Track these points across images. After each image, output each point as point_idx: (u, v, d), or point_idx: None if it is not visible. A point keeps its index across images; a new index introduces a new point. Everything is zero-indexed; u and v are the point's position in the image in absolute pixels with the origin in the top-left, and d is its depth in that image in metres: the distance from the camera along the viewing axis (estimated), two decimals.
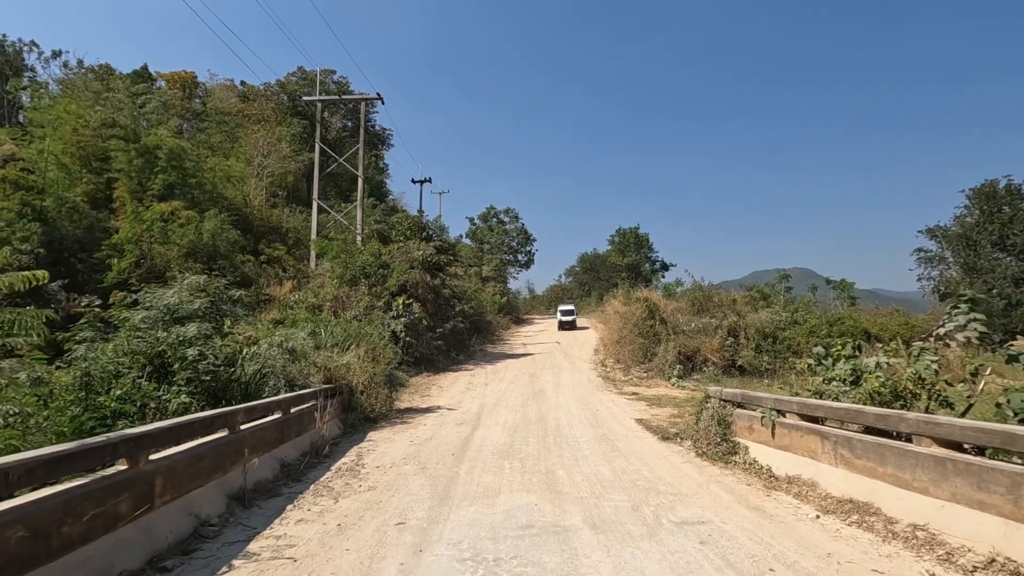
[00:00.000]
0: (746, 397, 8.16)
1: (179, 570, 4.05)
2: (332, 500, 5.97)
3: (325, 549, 4.52)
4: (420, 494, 6.14)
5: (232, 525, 5.06)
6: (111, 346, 7.62)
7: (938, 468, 4.68)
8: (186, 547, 4.46)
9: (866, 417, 5.69)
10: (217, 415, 5.82)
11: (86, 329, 8.02)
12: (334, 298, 21.40)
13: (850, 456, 5.74)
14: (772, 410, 7.19)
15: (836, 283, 37.67)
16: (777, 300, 27.89)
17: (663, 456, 8.05)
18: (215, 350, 8.31)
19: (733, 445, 7.88)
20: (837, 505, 5.42)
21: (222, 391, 8.15)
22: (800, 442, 6.58)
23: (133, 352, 7.75)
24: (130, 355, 7.74)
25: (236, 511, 5.41)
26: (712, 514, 5.34)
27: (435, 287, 24.19)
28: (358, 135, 53.76)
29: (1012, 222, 36.16)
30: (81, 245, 21.34)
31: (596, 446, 8.78)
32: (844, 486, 5.66)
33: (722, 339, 19.76)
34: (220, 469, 5.57)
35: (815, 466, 6.24)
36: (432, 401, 14.45)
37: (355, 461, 7.94)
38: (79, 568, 3.37)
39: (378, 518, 5.31)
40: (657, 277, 59.82)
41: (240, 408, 6.41)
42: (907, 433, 5.16)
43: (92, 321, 8.15)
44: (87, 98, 29.32)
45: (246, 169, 35.14)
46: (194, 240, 20.81)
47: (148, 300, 9.32)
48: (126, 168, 25.09)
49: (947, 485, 4.58)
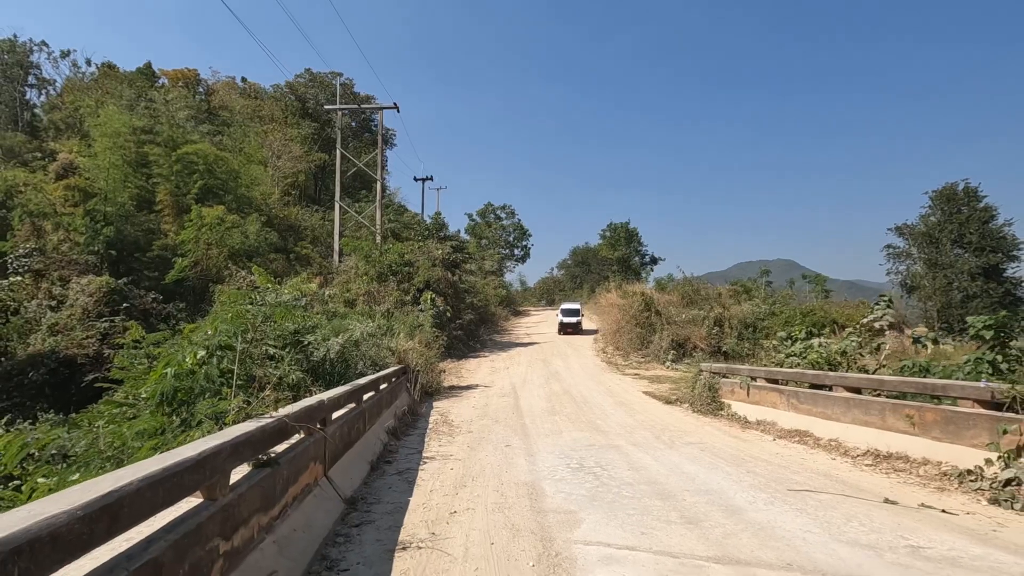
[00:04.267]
0: (729, 369, 11.12)
1: (394, 464, 6.81)
2: (450, 437, 8.77)
3: (471, 456, 7.32)
4: (507, 433, 8.95)
5: (400, 448, 7.83)
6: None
7: (845, 405, 7.63)
8: (386, 456, 7.22)
9: (806, 377, 8.65)
10: (374, 380, 8.56)
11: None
12: (366, 293, 24.01)
13: (797, 403, 8.69)
14: (747, 377, 10.14)
15: (812, 277, 41.14)
16: (758, 293, 31.02)
17: (669, 413, 10.99)
18: (317, 337, 10.97)
19: (720, 404, 10.83)
20: (787, 433, 8.37)
21: (317, 369, 10.80)
22: (766, 398, 9.53)
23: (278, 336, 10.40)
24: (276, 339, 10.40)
25: (393, 441, 8.18)
26: (707, 439, 8.26)
27: (454, 283, 26.90)
28: (362, 133, 55.74)
29: (969, 221, 39.78)
30: (137, 246, 23.72)
31: (617, 408, 11.68)
32: (793, 423, 8.61)
33: (709, 328, 22.78)
34: (379, 415, 8.33)
35: (775, 412, 9.19)
36: (469, 380, 17.25)
37: (442, 418, 10.71)
38: (370, 445, 6.15)
39: (490, 444, 8.11)
40: (647, 271, 63.03)
41: (380, 376, 9.15)
42: (830, 385, 8.11)
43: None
44: (121, 104, 31.38)
45: (265, 171, 37.36)
46: (242, 242, 23.25)
47: (260, 297, 11.93)
48: (166, 173, 27.33)
49: (850, 415, 7.53)
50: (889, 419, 6.90)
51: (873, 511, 4.70)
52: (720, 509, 4.77)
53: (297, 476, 4.02)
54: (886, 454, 6.66)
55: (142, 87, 44.08)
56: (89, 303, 16.24)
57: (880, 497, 5.12)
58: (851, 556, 3.67)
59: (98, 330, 15.91)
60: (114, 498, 1.92)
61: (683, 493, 5.29)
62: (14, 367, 14.71)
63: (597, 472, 6.24)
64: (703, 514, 4.62)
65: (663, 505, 4.90)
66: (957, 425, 6.03)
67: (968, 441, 5.84)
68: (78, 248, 20.88)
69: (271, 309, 7.66)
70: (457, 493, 5.46)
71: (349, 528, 4.35)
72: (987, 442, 5.54)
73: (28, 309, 16.72)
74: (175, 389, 5.92)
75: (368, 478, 5.96)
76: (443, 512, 4.82)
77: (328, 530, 4.16)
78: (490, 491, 5.50)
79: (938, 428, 6.24)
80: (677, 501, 5.03)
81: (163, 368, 5.97)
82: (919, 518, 4.51)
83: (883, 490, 5.39)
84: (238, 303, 8.15)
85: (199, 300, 22.18)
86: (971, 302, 39.11)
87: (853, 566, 3.51)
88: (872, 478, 5.96)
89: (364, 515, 4.70)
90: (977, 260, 39.57)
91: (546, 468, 6.52)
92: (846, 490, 5.40)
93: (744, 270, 53.89)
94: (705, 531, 4.20)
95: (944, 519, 4.50)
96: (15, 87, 47.63)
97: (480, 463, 6.88)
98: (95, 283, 16.88)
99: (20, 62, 49.57)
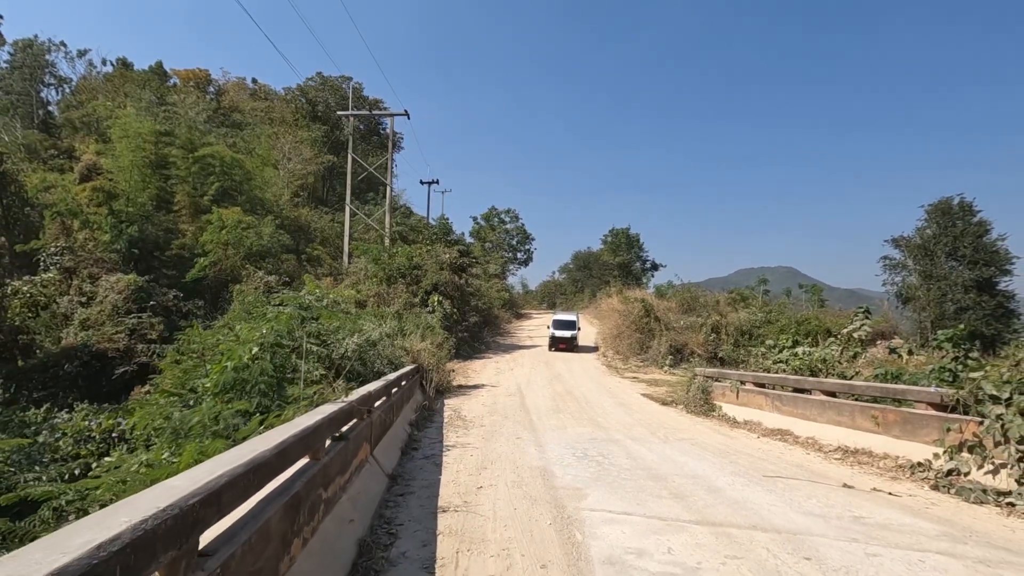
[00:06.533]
0: (721, 374, 12.03)
1: (420, 451, 7.71)
2: (465, 430, 9.67)
3: (487, 446, 8.22)
4: (517, 428, 9.86)
5: (422, 438, 8.74)
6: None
7: (821, 407, 8.54)
8: (412, 444, 8.12)
9: (789, 381, 9.57)
10: (398, 377, 9.48)
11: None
12: (376, 294, 24.95)
13: (780, 405, 9.60)
14: (737, 381, 11.05)
15: (809, 287, 42.12)
16: (755, 302, 31.93)
17: (665, 413, 11.90)
18: (340, 336, 11.88)
19: (712, 406, 11.73)
20: (770, 432, 9.28)
21: (337, 365, 11.72)
22: (753, 400, 10.44)
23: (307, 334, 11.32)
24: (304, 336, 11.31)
25: (415, 432, 9.08)
26: (698, 436, 9.17)
27: (460, 286, 27.83)
28: (371, 136, 56.66)
29: (963, 235, 40.69)
30: (157, 244, 24.66)
31: (616, 408, 12.58)
32: (776, 423, 9.51)
33: (706, 335, 23.70)
34: (401, 409, 9.24)
35: (761, 413, 10.10)
36: (476, 380, 18.15)
37: (455, 414, 11.62)
38: (398, 434, 7.06)
39: (503, 436, 9.02)
40: (647, 276, 63.98)
41: (402, 373, 10.07)
42: (809, 389, 9.02)
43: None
44: (140, 107, 32.39)
45: (276, 173, 38.35)
46: (259, 243, 24.19)
47: (281, 299, 12.81)
48: (184, 175, 28.29)
49: (825, 416, 8.45)
50: (858, 419, 7.82)
51: (831, 493, 5.61)
52: (703, 489, 5.68)
53: (357, 451, 4.94)
54: (854, 450, 7.57)
55: (157, 88, 45.14)
56: (118, 300, 17.17)
57: (840, 483, 6.03)
58: (803, 521, 4.58)
59: (127, 326, 16.83)
60: (264, 458, 2.81)
61: (673, 477, 6.20)
62: (50, 359, 15.63)
63: (599, 460, 7.15)
64: (689, 492, 5.54)
65: (655, 485, 5.81)
66: (913, 424, 6.94)
67: (922, 438, 6.76)
68: (102, 247, 21.83)
69: (317, 312, 8.55)
70: (480, 473, 6.37)
71: (395, 497, 5.27)
72: (936, 439, 6.45)
73: (60, 305, 17.65)
74: (234, 380, 6.86)
75: (401, 461, 6.87)
76: (471, 487, 5.73)
77: (380, 497, 5.08)
78: (508, 472, 6.42)
79: (898, 427, 7.16)
80: (668, 482, 5.94)
81: (225, 362, 6.89)
82: (868, 498, 5.42)
83: (845, 478, 6.30)
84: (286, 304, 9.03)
85: (216, 298, 23.12)
86: (964, 314, 39.93)
87: (803, 527, 4.42)
88: (838, 469, 6.87)
89: (405, 487, 5.61)
90: (971, 273, 40.44)
91: (554, 456, 7.44)
92: (813, 477, 6.31)
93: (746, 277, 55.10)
94: (689, 503, 5.11)
95: (888, 499, 5.41)
96: (31, 85, 48.74)
97: (496, 451, 7.79)
98: (123, 281, 17.82)
99: (37, 61, 50.70)
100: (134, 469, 4.73)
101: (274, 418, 4.95)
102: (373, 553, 3.83)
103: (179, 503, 1.73)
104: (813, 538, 4.23)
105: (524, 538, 4.27)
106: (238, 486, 2.26)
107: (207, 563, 1.96)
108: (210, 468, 2.23)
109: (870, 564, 3.74)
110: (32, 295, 18.55)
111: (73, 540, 1.35)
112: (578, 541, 4.18)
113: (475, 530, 4.43)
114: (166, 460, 4.67)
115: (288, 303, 9.37)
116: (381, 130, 55.94)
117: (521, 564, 3.78)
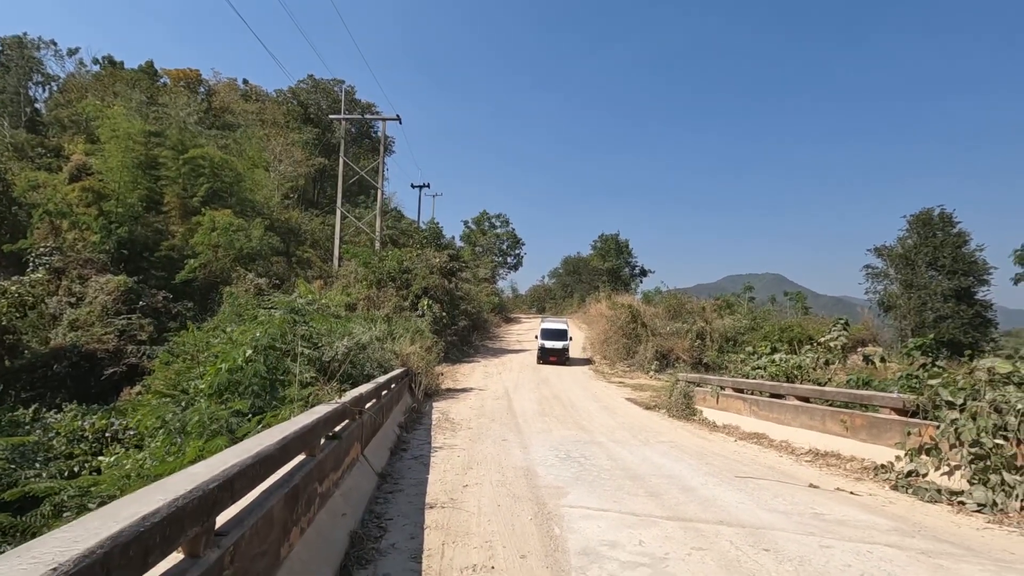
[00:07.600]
0: (702, 379, 12.40)
1: (408, 452, 7.96)
2: (452, 432, 9.93)
3: (473, 447, 8.49)
4: (503, 430, 10.14)
5: (411, 439, 8.99)
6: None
7: (795, 411, 8.92)
8: (401, 445, 8.37)
9: (765, 387, 9.95)
10: (388, 379, 9.71)
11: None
12: (366, 298, 25.11)
13: (758, 410, 9.97)
14: (717, 387, 11.43)
15: (794, 294, 42.91)
16: (740, 309, 32.49)
17: (647, 417, 12.24)
18: (329, 340, 12.07)
19: (693, 410, 12.10)
20: (747, 436, 9.64)
21: (327, 368, 11.93)
22: (732, 405, 10.81)
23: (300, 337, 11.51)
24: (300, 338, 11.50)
25: (404, 434, 9.33)
26: (678, 439, 9.51)
27: (450, 290, 28.07)
28: (362, 139, 56.73)
29: (943, 246, 41.69)
30: (146, 246, 24.65)
31: (601, 411, 12.90)
32: (753, 427, 9.88)
33: (692, 341, 24.14)
34: (391, 411, 9.47)
35: (739, 418, 10.47)
36: (464, 384, 18.40)
37: (443, 416, 11.87)
38: (388, 435, 7.31)
39: (489, 438, 9.29)
40: (636, 282, 64.55)
41: (391, 376, 10.30)
42: (783, 394, 9.40)
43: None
44: (131, 107, 32.32)
45: (266, 175, 38.36)
46: (249, 245, 24.27)
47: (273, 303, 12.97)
48: (173, 176, 28.27)
49: (798, 420, 8.82)
50: (828, 423, 8.20)
51: (797, 492, 5.96)
52: (677, 488, 6.00)
53: (348, 450, 5.19)
54: (824, 452, 7.95)
55: (148, 88, 44.94)
56: (108, 301, 17.21)
57: (807, 483, 6.39)
58: (767, 517, 4.91)
59: (116, 327, 16.88)
60: (269, 451, 3.08)
61: (650, 477, 6.52)
62: (38, 359, 15.65)
63: (581, 461, 7.46)
64: (663, 490, 5.86)
65: (632, 484, 6.12)
66: (879, 428, 7.33)
67: (886, 441, 7.14)
68: (91, 247, 21.82)
69: (310, 316, 8.77)
70: (466, 473, 6.64)
71: (385, 494, 5.53)
72: (898, 442, 6.84)
73: (48, 305, 17.64)
74: (228, 381, 7.08)
75: (390, 461, 7.13)
76: (457, 485, 6.01)
77: (370, 494, 5.34)
78: (493, 472, 6.69)
79: (864, 431, 7.54)
80: (644, 482, 6.25)
81: (220, 363, 7.11)
82: (830, 497, 5.78)
83: (812, 478, 6.66)
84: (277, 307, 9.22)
85: (205, 300, 23.16)
86: (943, 322, 40.87)
87: (766, 523, 4.76)
88: (807, 470, 7.23)
89: (394, 485, 5.87)
90: (950, 283, 41.42)
91: (538, 457, 7.73)
92: (782, 478, 6.66)
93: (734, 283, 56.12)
94: (663, 501, 5.43)
95: (849, 498, 5.77)
96: (19, 83, 48.30)
97: (482, 452, 8.06)
98: (113, 282, 17.86)
99: (25, 58, 50.27)
100: (137, 466, 4.95)
101: (271, 417, 5.20)
102: (364, 544, 4.10)
103: (202, 486, 2.00)
104: (774, 532, 4.55)
105: (506, 531, 4.55)
106: (247, 475, 2.53)
107: (222, 541, 2.23)
108: (223, 459, 2.50)
109: (822, 554, 4.07)
110: (20, 295, 18.52)
111: (122, 512, 1.62)
112: (556, 534, 4.47)
113: (460, 524, 4.70)
114: (171, 457, 4.90)
115: (279, 307, 9.57)
116: (373, 133, 56.13)
117: (503, 555, 4.07)
